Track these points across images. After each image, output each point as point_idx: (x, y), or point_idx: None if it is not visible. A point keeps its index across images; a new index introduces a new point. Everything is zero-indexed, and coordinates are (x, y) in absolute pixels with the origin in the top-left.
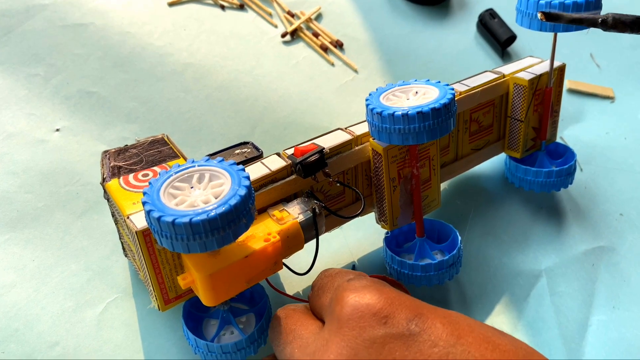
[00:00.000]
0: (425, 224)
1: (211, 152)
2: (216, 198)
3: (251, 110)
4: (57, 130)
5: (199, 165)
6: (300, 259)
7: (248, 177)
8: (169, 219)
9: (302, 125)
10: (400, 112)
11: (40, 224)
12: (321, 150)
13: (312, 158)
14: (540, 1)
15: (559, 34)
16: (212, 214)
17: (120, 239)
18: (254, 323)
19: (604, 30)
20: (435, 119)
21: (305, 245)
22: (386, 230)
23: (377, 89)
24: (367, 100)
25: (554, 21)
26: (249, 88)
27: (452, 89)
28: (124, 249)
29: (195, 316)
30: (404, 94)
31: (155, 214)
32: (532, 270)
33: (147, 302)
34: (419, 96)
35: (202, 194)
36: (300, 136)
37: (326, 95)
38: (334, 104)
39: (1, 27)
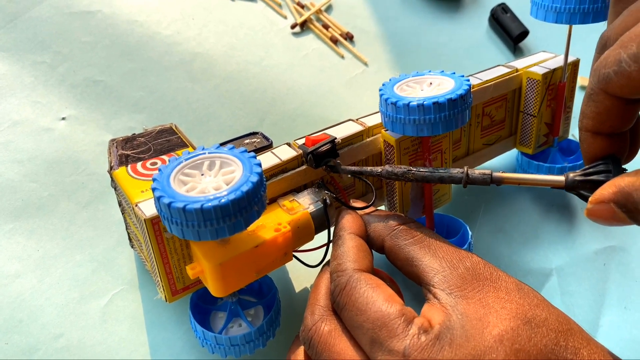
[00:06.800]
0: (434, 218)
1: (220, 142)
2: (227, 185)
3: (259, 102)
4: (63, 119)
5: (209, 153)
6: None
7: (260, 164)
8: (180, 205)
9: (311, 118)
10: (415, 103)
11: (45, 214)
12: (333, 140)
13: (324, 148)
14: None
15: (573, 27)
16: (224, 200)
17: (126, 229)
18: (262, 316)
19: (387, 179)
20: (451, 110)
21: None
22: None
23: (390, 79)
24: (380, 90)
25: (335, 172)
26: (258, 79)
27: (468, 80)
28: (130, 239)
29: (202, 309)
30: (418, 85)
31: (166, 200)
32: (543, 269)
33: (153, 295)
34: (434, 87)
35: (213, 181)
36: (309, 129)
37: (336, 87)
38: (344, 97)
39: (8, 13)
